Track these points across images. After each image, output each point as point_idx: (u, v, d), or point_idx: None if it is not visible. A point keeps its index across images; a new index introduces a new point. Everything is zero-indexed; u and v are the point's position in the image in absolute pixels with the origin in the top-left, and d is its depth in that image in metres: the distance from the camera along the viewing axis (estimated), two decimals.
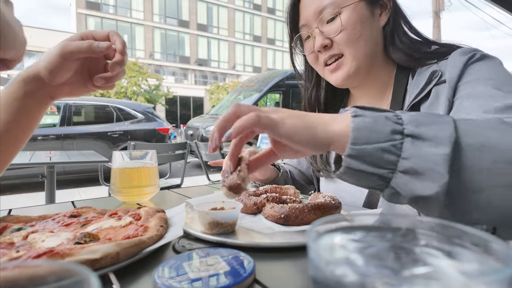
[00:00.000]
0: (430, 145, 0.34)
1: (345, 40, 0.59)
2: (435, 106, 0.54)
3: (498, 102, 0.45)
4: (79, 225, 0.45)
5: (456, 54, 0.55)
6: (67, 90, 0.53)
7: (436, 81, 0.55)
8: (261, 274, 0.32)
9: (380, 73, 0.65)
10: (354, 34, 0.59)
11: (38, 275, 0.17)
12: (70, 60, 0.49)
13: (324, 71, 0.65)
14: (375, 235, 0.21)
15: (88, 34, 0.51)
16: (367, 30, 0.60)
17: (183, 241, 0.41)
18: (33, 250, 0.33)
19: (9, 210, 0.59)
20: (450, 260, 0.18)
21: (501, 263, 0.17)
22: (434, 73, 0.56)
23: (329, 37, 0.60)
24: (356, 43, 0.59)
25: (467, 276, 0.17)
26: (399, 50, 0.61)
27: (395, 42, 0.62)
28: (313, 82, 0.75)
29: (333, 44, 0.61)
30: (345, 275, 0.16)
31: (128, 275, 0.32)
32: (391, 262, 0.18)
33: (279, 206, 0.47)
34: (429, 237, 0.20)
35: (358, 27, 0.59)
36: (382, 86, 0.66)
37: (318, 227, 0.21)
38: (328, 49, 0.62)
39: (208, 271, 0.29)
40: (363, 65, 0.61)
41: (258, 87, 7.01)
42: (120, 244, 0.33)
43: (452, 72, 0.53)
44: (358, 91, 0.70)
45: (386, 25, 0.63)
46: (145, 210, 0.48)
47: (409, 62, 0.61)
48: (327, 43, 0.61)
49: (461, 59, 0.54)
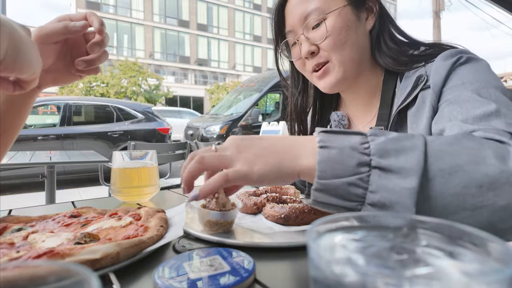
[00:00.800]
0: (398, 177, 0.33)
1: (331, 46, 0.59)
2: (421, 111, 0.53)
3: (477, 109, 0.44)
4: (79, 225, 0.45)
5: (441, 58, 0.54)
6: (51, 78, 0.52)
7: (422, 86, 0.54)
8: (262, 274, 0.32)
9: (368, 77, 0.65)
10: (340, 40, 0.58)
11: (38, 275, 0.17)
12: (48, 44, 0.47)
13: (312, 77, 0.65)
14: (376, 235, 0.21)
15: (65, 16, 0.49)
16: (353, 35, 0.59)
17: (183, 241, 0.41)
18: (33, 250, 0.33)
19: (9, 210, 0.59)
20: (451, 260, 0.18)
21: (502, 263, 0.17)
22: (420, 77, 0.55)
23: (315, 43, 0.60)
24: (342, 48, 0.59)
25: (468, 276, 0.17)
26: (386, 55, 0.61)
27: (381, 47, 0.61)
28: (299, 87, 0.74)
29: (320, 50, 0.61)
30: (346, 275, 0.16)
31: (128, 275, 0.32)
32: (392, 262, 0.18)
33: (279, 206, 0.47)
34: (430, 237, 0.20)
35: (343, 33, 0.58)
36: (371, 90, 0.66)
37: (319, 227, 0.21)
38: (315, 56, 0.61)
39: (209, 271, 0.29)
40: (350, 70, 0.61)
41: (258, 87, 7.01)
42: (120, 244, 0.33)
43: (436, 77, 0.52)
44: (348, 95, 0.70)
45: (373, 29, 0.62)
46: (145, 210, 0.48)
47: (396, 66, 0.60)
48: (314, 49, 0.61)
49: (445, 63, 0.53)
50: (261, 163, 0.37)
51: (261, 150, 0.38)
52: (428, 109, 0.51)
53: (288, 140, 0.39)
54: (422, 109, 0.53)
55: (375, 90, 0.66)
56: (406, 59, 0.59)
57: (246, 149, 0.38)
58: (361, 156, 0.34)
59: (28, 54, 0.37)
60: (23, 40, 0.36)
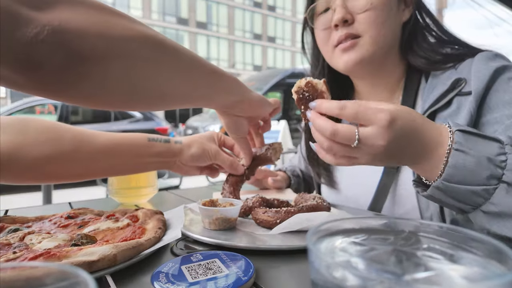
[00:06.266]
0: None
1: (371, 20, 0.54)
2: (454, 118, 0.50)
3: None
4: (76, 226, 0.44)
5: (480, 62, 0.50)
6: (188, 171, 0.58)
7: (459, 90, 0.50)
8: (261, 278, 0.32)
9: (392, 70, 0.61)
10: (382, 16, 0.54)
11: (35, 276, 0.16)
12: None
13: (333, 52, 0.58)
14: (377, 238, 0.21)
15: (220, 136, 0.61)
16: (391, 18, 0.56)
17: (181, 243, 0.41)
18: (29, 251, 0.32)
19: (6, 211, 0.59)
20: (453, 264, 0.18)
21: (503, 267, 0.17)
22: (458, 81, 0.51)
23: (353, 12, 0.54)
24: (381, 26, 0.54)
25: (469, 281, 0.17)
26: (417, 53, 0.58)
27: (412, 44, 0.58)
28: (319, 68, 0.68)
29: (354, 23, 0.55)
30: (346, 279, 0.16)
31: (125, 278, 0.31)
32: (393, 266, 0.18)
33: (272, 210, 0.45)
34: (432, 241, 0.20)
35: (386, 11, 0.54)
36: (390, 86, 0.62)
37: (319, 230, 0.20)
38: (347, 26, 0.55)
39: (207, 274, 0.29)
40: (380, 53, 0.56)
41: (258, 86, 6.99)
42: (117, 246, 0.33)
43: (477, 83, 0.48)
44: (365, 86, 0.65)
45: (407, 23, 0.59)
46: (143, 211, 0.47)
47: (424, 65, 0.57)
48: (349, 18, 0.55)
49: (487, 67, 0.49)
50: (388, 162, 0.38)
51: (394, 152, 0.36)
52: (465, 115, 0.48)
53: (420, 146, 0.37)
54: (456, 116, 0.50)
55: (395, 87, 0.62)
56: (439, 58, 0.56)
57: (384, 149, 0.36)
58: (495, 169, 0.34)
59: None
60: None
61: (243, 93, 0.47)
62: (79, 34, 0.25)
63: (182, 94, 0.40)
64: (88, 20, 0.26)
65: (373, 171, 0.61)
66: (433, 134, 0.37)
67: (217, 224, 0.44)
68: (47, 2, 0.24)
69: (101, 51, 0.26)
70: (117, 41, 0.28)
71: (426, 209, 0.53)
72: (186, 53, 0.38)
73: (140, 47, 0.31)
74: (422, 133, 0.36)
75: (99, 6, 0.28)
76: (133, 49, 0.30)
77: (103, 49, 0.26)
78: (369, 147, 0.36)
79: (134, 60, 0.31)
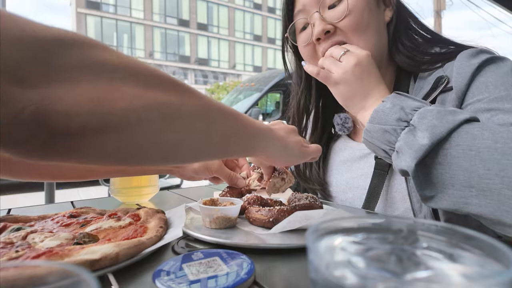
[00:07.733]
0: (419, 134, 0.39)
1: (351, 26, 0.53)
2: None
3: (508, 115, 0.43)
4: (79, 225, 0.44)
5: (462, 58, 0.50)
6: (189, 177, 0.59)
7: (442, 87, 0.51)
8: (261, 276, 0.32)
9: (382, 73, 0.60)
10: (362, 21, 0.53)
11: (37, 275, 0.17)
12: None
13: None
14: (376, 237, 0.21)
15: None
16: (373, 19, 0.54)
17: (182, 242, 0.41)
18: (32, 250, 0.32)
19: (8, 210, 0.59)
20: (452, 263, 0.18)
21: (502, 266, 0.17)
22: (440, 79, 0.52)
23: (332, 23, 0.54)
24: (364, 31, 0.53)
25: (469, 279, 0.17)
26: (402, 53, 0.57)
27: (397, 45, 0.58)
28: (301, 86, 0.68)
29: (336, 31, 0.54)
30: (346, 277, 0.16)
31: (127, 276, 0.32)
32: (393, 265, 0.18)
33: (265, 209, 0.46)
34: (431, 240, 0.20)
35: (366, 15, 0.53)
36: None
37: (318, 229, 0.21)
38: (331, 35, 0.55)
39: (208, 272, 0.29)
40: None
41: (258, 86, 7.00)
42: (119, 245, 0.33)
43: (459, 80, 0.49)
44: None
45: (390, 23, 0.58)
46: (145, 210, 0.48)
47: (411, 66, 0.56)
48: (330, 28, 0.54)
49: (468, 64, 0.49)
50: (348, 86, 0.50)
51: (353, 79, 0.50)
52: None
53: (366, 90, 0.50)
54: None
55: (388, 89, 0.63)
56: (427, 59, 0.55)
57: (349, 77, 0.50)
58: (405, 114, 0.42)
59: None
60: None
61: (269, 151, 0.41)
62: (67, 115, 0.22)
63: (197, 157, 0.35)
64: (81, 98, 0.22)
65: (366, 175, 0.61)
66: (380, 86, 0.51)
67: (217, 223, 0.44)
68: (44, 78, 0.21)
69: (92, 127, 0.23)
70: (113, 116, 0.24)
71: (419, 211, 0.53)
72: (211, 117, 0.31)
73: (143, 117, 0.26)
74: (376, 78, 0.51)
75: (108, 75, 0.24)
76: (133, 120, 0.25)
77: (96, 125, 0.23)
78: (346, 63, 0.50)
79: (136, 129, 0.26)
